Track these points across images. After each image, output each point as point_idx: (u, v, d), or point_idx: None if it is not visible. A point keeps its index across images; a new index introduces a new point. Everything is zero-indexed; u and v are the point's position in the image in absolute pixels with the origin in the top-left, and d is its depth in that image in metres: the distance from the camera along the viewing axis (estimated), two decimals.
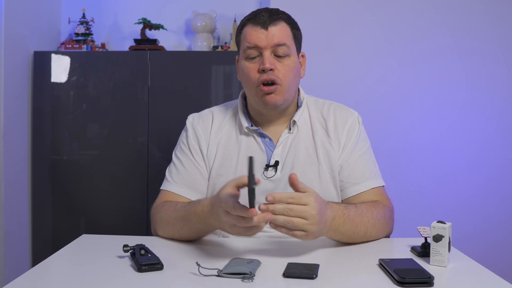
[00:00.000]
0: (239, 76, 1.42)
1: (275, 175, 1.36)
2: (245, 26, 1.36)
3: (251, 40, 1.32)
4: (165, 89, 2.62)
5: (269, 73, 1.31)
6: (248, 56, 1.34)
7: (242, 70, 1.37)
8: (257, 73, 1.32)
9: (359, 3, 2.75)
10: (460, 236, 1.78)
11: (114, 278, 1.01)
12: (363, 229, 1.23)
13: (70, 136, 2.64)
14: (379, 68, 2.75)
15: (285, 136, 1.40)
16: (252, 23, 1.33)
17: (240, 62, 1.39)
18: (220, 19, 2.93)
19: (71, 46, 2.74)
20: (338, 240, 1.24)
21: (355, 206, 1.26)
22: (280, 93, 1.33)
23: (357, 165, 1.38)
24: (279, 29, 1.32)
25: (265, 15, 1.33)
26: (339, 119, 1.42)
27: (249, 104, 1.44)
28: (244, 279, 0.97)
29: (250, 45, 1.32)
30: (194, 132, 1.44)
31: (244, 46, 1.35)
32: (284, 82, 1.32)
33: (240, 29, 1.38)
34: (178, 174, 1.41)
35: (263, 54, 1.31)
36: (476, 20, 2.73)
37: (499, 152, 2.74)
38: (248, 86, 1.36)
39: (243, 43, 1.36)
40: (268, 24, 1.31)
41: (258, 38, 1.31)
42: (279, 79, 1.31)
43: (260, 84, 1.32)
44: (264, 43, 1.31)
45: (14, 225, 2.52)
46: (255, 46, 1.32)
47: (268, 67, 1.30)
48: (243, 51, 1.35)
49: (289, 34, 1.35)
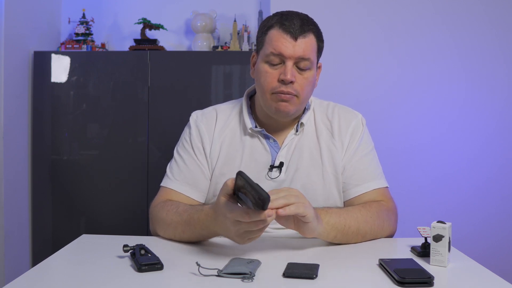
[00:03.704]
0: (253, 74, 1.39)
1: (279, 176, 1.36)
2: (272, 29, 1.31)
3: (277, 47, 1.29)
4: (165, 89, 2.62)
5: (288, 86, 1.29)
6: (270, 62, 1.31)
7: (260, 73, 1.34)
8: (277, 81, 1.30)
9: (359, 3, 2.75)
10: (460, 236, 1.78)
11: (114, 278, 1.01)
12: (354, 224, 1.23)
13: (70, 136, 2.64)
14: (379, 68, 2.75)
15: (290, 138, 1.39)
16: (282, 29, 1.29)
17: (259, 63, 1.35)
18: (220, 19, 2.93)
19: (71, 46, 2.74)
20: (334, 237, 1.22)
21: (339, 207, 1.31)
22: (294, 104, 1.32)
23: (360, 166, 1.38)
24: (307, 42, 1.29)
25: (296, 23, 1.29)
26: (343, 120, 1.42)
27: (257, 105, 1.43)
28: (244, 279, 0.97)
29: (275, 51, 1.29)
30: (197, 130, 1.43)
31: (267, 50, 1.31)
32: (301, 95, 1.32)
33: (266, 29, 1.33)
34: (179, 172, 1.40)
35: (286, 64, 1.29)
36: (476, 20, 2.73)
37: (499, 152, 2.74)
38: (263, 89, 1.33)
39: (267, 45, 1.32)
40: (298, 35, 1.28)
41: (286, 48, 1.28)
42: (297, 92, 1.31)
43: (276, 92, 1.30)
44: (290, 53, 1.28)
45: (14, 225, 2.52)
46: (279, 54, 1.29)
47: (289, 79, 1.28)
48: (266, 55, 1.31)
49: (315, 48, 1.32)
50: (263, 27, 1.36)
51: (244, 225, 1.06)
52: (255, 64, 1.39)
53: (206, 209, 1.20)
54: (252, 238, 1.09)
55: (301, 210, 1.08)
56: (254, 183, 0.99)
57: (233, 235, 1.10)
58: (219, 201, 1.10)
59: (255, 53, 1.40)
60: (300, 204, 1.08)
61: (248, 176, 1.01)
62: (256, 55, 1.39)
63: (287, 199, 1.07)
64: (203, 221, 1.19)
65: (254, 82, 1.43)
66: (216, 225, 1.15)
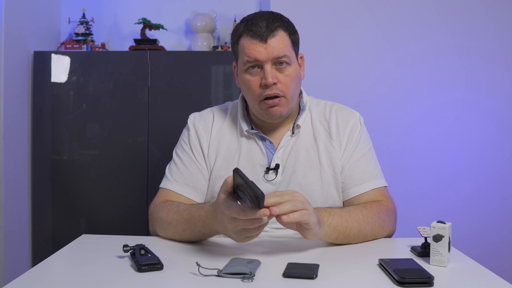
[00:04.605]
0: (239, 84, 1.39)
1: (276, 178, 1.36)
2: (242, 38, 1.32)
3: (250, 54, 1.29)
4: (165, 89, 2.62)
5: (272, 88, 1.29)
6: (248, 70, 1.32)
7: (243, 83, 1.35)
8: (259, 87, 1.30)
9: (359, 3, 2.75)
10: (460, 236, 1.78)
11: (114, 278, 1.01)
12: (356, 225, 1.23)
13: (70, 136, 2.64)
14: (379, 68, 2.75)
15: (286, 139, 1.39)
16: (249, 36, 1.29)
17: (240, 74, 1.36)
18: (220, 19, 2.93)
19: (71, 46, 2.74)
20: (335, 239, 1.23)
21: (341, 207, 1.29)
22: (284, 104, 1.33)
23: (359, 166, 1.38)
24: (278, 40, 1.29)
25: (262, 25, 1.28)
26: (340, 120, 1.42)
27: (251, 109, 1.43)
28: (244, 279, 0.97)
29: (250, 59, 1.29)
30: (195, 131, 1.43)
31: (243, 59, 1.32)
32: (288, 93, 1.32)
33: (237, 39, 1.34)
34: (178, 173, 1.41)
35: (264, 68, 1.29)
36: (476, 20, 2.73)
37: (499, 152, 2.74)
38: (251, 98, 1.34)
39: (241, 55, 1.33)
40: (267, 36, 1.27)
41: (258, 52, 1.28)
42: (283, 92, 1.31)
43: (263, 98, 1.31)
44: (264, 57, 1.28)
45: (14, 225, 2.52)
46: (255, 60, 1.29)
47: (271, 82, 1.28)
48: (243, 64, 1.32)
49: (288, 43, 1.32)
50: (233, 37, 1.36)
51: (240, 223, 1.05)
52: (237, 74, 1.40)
53: (206, 206, 1.20)
54: (250, 237, 1.09)
55: (304, 218, 1.07)
56: (250, 180, 0.98)
57: (231, 232, 1.10)
58: (218, 198, 1.11)
59: (235, 63, 1.41)
60: (305, 212, 1.07)
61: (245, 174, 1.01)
62: (236, 65, 1.40)
63: (293, 205, 1.06)
64: (204, 219, 1.19)
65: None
66: (215, 222, 1.15)
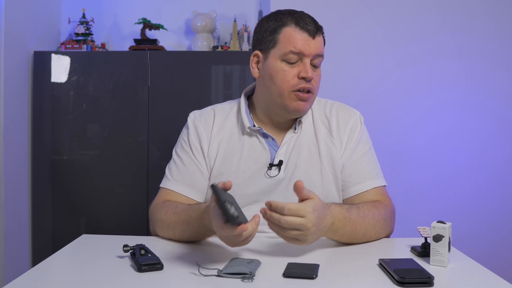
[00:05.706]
0: (258, 74, 1.38)
1: (278, 174, 1.37)
2: (287, 26, 1.32)
3: (297, 45, 1.30)
4: (165, 89, 2.62)
5: (308, 82, 1.32)
6: (288, 60, 1.32)
7: (276, 71, 1.33)
8: (297, 78, 1.31)
9: (359, 3, 2.75)
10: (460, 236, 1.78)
11: (114, 278, 1.01)
12: (363, 231, 1.24)
13: (70, 136, 2.64)
14: (379, 68, 2.75)
15: (289, 136, 1.39)
16: (298, 27, 1.31)
17: (273, 62, 1.33)
18: (220, 19, 2.93)
19: (71, 46, 2.74)
20: (337, 240, 1.24)
21: (357, 208, 1.26)
22: (310, 101, 1.36)
23: (359, 164, 1.38)
24: (321, 41, 1.35)
25: (310, 23, 1.32)
26: (341, 118, 1.42)
27: (258, 104, 1.42)
28: (244, 279, 0.97)
29: (295, 50, 1.30)
30: (195, 130, 1.43)
31: (285, 48, 1.31)
32: (315, 92, 1.37)
33: (279, 27, 1.33)
34: (178, 172, 1.40)
35: (304, 62, 1.31)
36: (476, 20, 2.73)
37: (499, 152, 2.74)
38: (281, 88, 1.32)
39: (284, 44, 1.31)
40: (315, 33, 1.32)
41: (308, 46, 1.30)
42: (313, 88, 1.34)
43: (296, 89, 1.32)
44: (309, 51, 1.31)
45: (14, 225, 2.51)
46: (299, 53, 1.30)
47: (311, 77, 1.31)
48: (283, 53, 1.31)
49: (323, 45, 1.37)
50: (273, 25, 1.34)
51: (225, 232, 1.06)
52: (258, 63, 1.39)
53: (203, 207, 1.20)
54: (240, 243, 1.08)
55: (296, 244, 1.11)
56: (223, 199, 0.98)
57: (221, 238, 1.11)
58: (211, 203, 1.11)
59: (260, 52, 1.37)
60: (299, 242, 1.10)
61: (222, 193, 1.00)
62: (262, 54, 1.37)
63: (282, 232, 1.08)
64: (200, 219, 1.19)
65: (256, 82, 1.42)
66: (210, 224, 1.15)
